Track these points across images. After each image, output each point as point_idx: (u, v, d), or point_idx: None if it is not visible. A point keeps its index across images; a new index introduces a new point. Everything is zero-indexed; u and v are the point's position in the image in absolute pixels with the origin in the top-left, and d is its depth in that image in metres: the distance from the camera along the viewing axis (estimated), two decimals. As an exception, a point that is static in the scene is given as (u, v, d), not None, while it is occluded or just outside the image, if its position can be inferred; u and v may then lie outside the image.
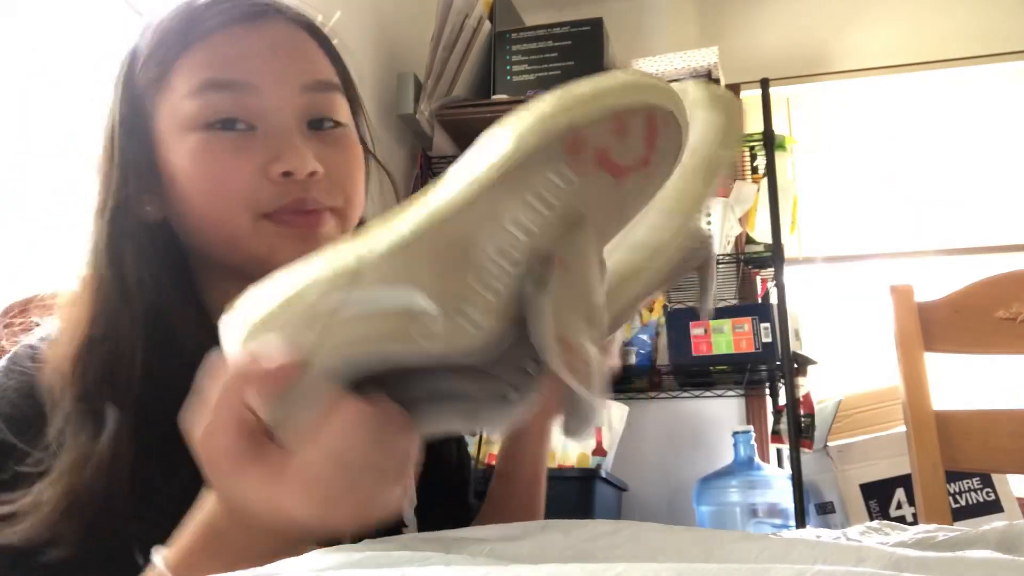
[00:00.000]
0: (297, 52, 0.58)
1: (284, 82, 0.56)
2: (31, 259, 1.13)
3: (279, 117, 0.55)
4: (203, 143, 0.54)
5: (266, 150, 0.54)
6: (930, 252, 2.40)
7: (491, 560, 0.28)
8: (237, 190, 0.54)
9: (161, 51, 0.56)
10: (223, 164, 0.54)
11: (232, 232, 0.55)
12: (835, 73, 2.53)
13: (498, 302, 0.34)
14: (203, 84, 0.54)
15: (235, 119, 0.54)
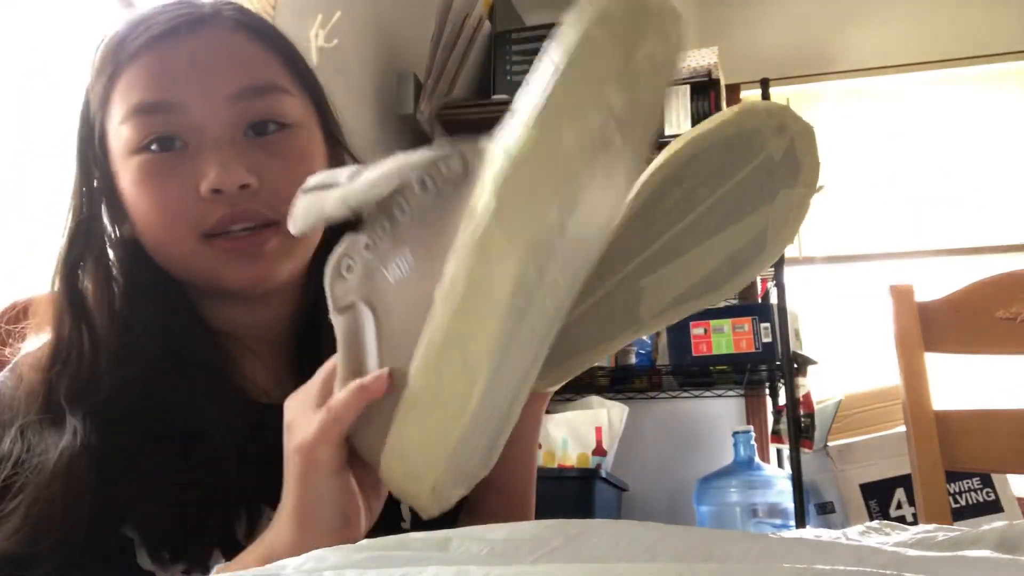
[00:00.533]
0: (225, 60, 0.56)
1: (209, 95, 0.54)
2: (31, 259, 1.13)
3: (209, 131, 0.54)
4: (140, 167, 0.54)
5: (196, 168, 0.53)
6: (930, 252, 2.40)
7: (491, 560, 0.28)
8: (174, 212, 0.53)
9: (102, 76, 0.56)
10: (158, 186, 0.53)
11: (177, 253, 0.55)
12: (835, 73, 2.53)
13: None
14: (133, 108, 0.54)
15: (171, 137, 0.54)
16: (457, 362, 0.32)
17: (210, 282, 0.56)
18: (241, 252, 0.54)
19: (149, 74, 0.54)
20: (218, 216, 0.53)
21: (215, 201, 0.53)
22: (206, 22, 0.56)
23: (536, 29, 2.12)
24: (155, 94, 0.54)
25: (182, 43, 0.55)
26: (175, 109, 0.54)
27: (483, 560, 0.28)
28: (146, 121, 0.54)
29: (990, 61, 2.43)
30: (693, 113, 2.01)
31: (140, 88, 0.54)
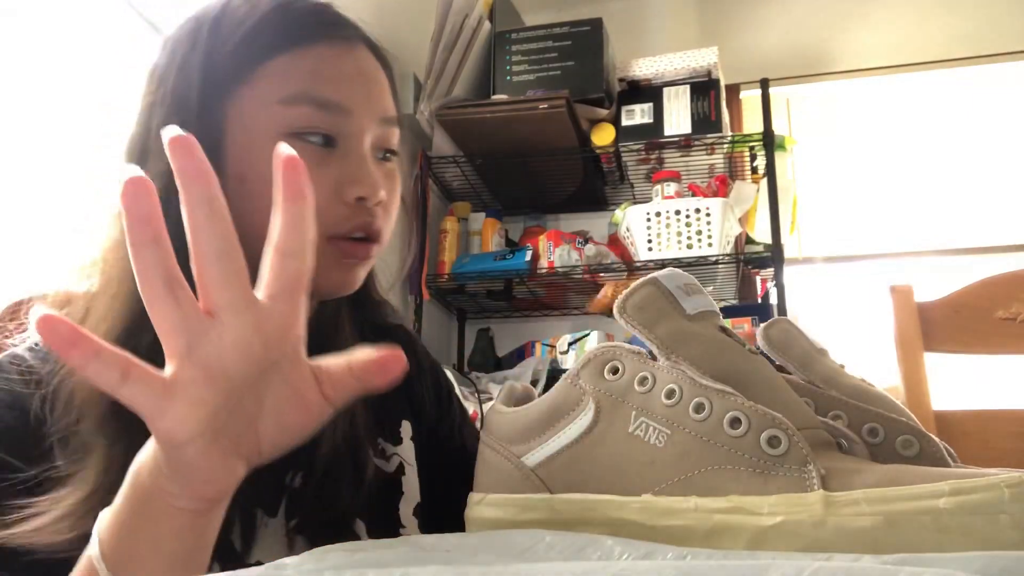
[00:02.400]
0: (380, 84, 0.59)
1: (370, 111, 0.57)
2: (31, 259, 1.13)
3: (361, 144, 0.56)
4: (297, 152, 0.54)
5: (343, 171, 0.55)
6: (930, 252, 2.40)
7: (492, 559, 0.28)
8: (317, 205, 0.53)
9: (255, 45, 0.55)
10: (312, 177, 0.53)
11: None
12: (835, 73, 2.53)
13: None
14: (300, 95, 0.54)
15: (332, 136, 0.55)
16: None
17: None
18: (351, 257, 0.56)
19: (325, 71, 0.55)
20: (355, 223, 0.55)
21: (356, 208, 0.55)
22: (362, 41, 0.60)
23: (536, 29, 2.12)
24: (329, 93, 0.55)
25: (352, 55, 0.58)
26: (344, 113, 0.55)
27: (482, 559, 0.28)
28: (310, 112, 0.54)
29: (990, 61, 2.43)
30: (693, 113, 2.01)
31: (313, 80, 0.55)
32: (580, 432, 0.37)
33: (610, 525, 0.34)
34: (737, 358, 0.36)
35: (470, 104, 1.99)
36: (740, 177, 2.18)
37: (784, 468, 0.31)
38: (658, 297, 0.37)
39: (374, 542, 0.32)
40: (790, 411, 0.33)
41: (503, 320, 2.39)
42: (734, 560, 0.26)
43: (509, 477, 0.39)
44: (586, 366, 0.38)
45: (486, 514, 0.39)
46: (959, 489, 0.27)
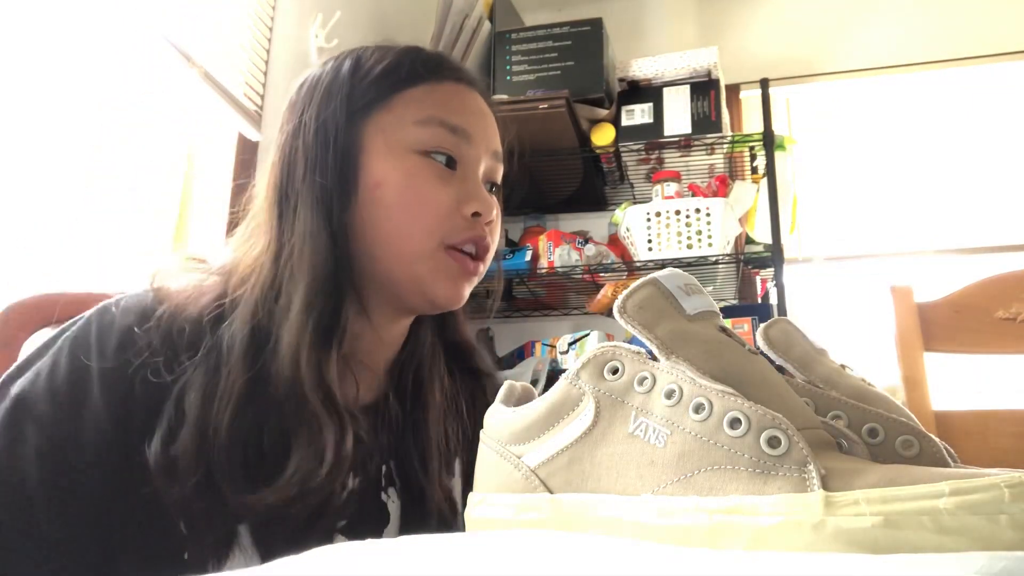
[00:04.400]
0: (493, 125, 0.69)
1: (486, 142, 0.67)
2: (32, 259, 1.13)
3: (475, 167, 0.65)
4: (420, 165, 0.62)
5: (463, 189, 0.63)
6: (930, 252, 2.40)
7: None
8: (435, 213, 0.61)
9: (391, 77, 0.64)
10: (432, 187, 0.61)
11: (414, 248, 0.61)
12: (835, 73, 2.53)
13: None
14: (432, 118, 0.63)
15: (455, 159, 0.64)
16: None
17: (419, 286, 0.62)
18: (463, 270, 0.63)
19: (455, 102, 0.65)
20: (469, 235, 0.63)
21: (471, 222, 0.63)
22: (476, 85, 0.69)
23: (536, 29, 2.12)
24: (461, 122, 0.64)
25: (472, 93, 0.68)
26: (467, 140, 0.64)
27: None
28: (447, 137, 0.63)
29: (990, 61, 2.43)
30: (693, 113, 2.01)
31: (447, 108, 0.64)
32: (580, 432, 0.37)
33: (610, 525, 0.34)
34: (737, 358, 0.36)
35: (470, 104, 1.99)
36: (740, 177, 2.18)
37: (784, 468, 0.31)
38: (658, 297, 0.37)
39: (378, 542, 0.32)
40: (790, 411, 0.33)
41: (503, 320, 2.39)
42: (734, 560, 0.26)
43: (509, 477, 0.39)
44: (586, 366, 0.38)
45: (486, 514, 0.39)
46: (959, 489, 0.27)
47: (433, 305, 0.64)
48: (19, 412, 0.51)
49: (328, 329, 0.57)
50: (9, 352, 0.78)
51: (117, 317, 0.56)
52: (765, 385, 0.35)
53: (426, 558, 0.28)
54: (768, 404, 0.33)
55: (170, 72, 1.32)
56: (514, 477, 0.38)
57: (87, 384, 0.53)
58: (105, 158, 1.28)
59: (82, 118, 1.23)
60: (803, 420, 0.34)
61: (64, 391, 0.52)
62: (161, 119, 1.38)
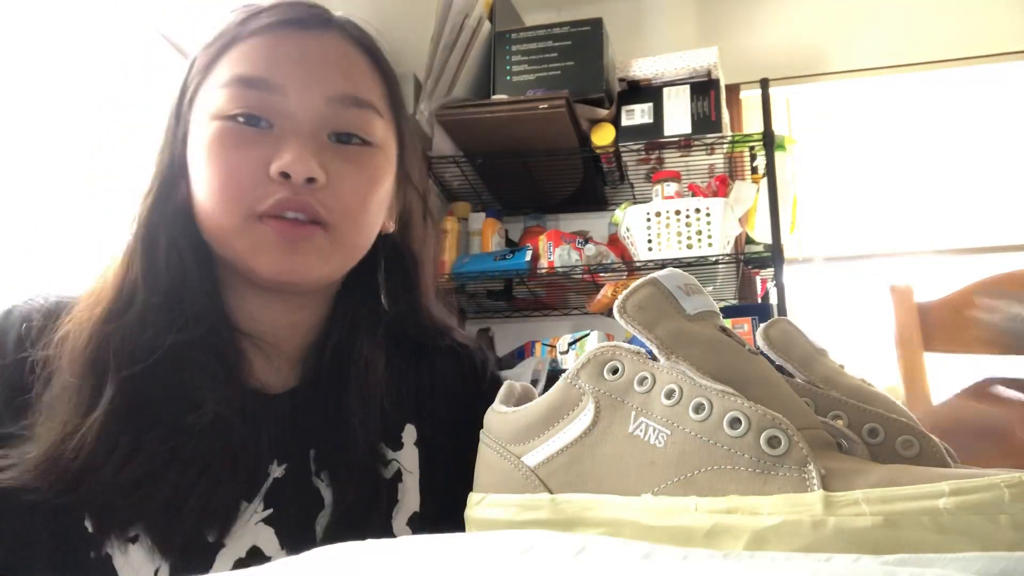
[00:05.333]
0: (335, 64, 0.58)
1: (310, 89, 0.56)
2: (31, 259, 1.13)
3: (297, 121, 0.56)
4: (220, 131, 0.55)
5: (273, 149, 0.55)
6: (930, 252, 2.40)
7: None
8: (237, 182, 0.54)
9: (214, 44, 0.58)
10: (232, 155, 0.55)
11: (224, 224, 0.55)
12: (835, 73, 2.53)
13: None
14: (234, 78, 0.56)
15: (258, 116, 0.55)
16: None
17: (244, 264, 0.56)
18: (283, 239, 0.55)
19: (260, 52, 0.56)
20: (277, 198, 0.54)
21: (280, 184, 0.54)
22: (329, 27, 0.60)
23: (536, 29, 2.12)
24: (260, 71, 0.56)
25: (301, 36, 0.58)
26: (273, 90, 0.56)
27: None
28: (243, 93, 0.55)
29: (990, 61, 2.43)
30: (693, 113, 2.01)
31: (248, 62, 0.56)
32: (580, 432, 0.37)
33: (610, 525, 0.34)
34: (737, 358, 0.36)
35: (470, 104, 1.99)
36: (740, 177, 2.18)
37: (784, 468, 0.31)
38: (658, 297, 0.37)
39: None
40: (790, 411, 0.33)
41: (503, 320, 2.39)
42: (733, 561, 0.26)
43: (509, 477, 0.39)
44: (585, 366, 0.38)
45: (486, 514, 0.39)
46: (959, 489, 0.27)
47: (268, 282, 0.58)
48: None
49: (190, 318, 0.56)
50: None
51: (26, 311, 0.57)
52: (765, 385, 0.35)
53: (426, 558, 0.28)
54: (768, 404, 0.33)
55: (170, 72, 1.32)
56: (514, 477, 0.38)
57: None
58: (105, 158, 1.28)
59: (82, 118, 1.23)
60: (803, 420, 0.34)
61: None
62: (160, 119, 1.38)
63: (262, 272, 0.56)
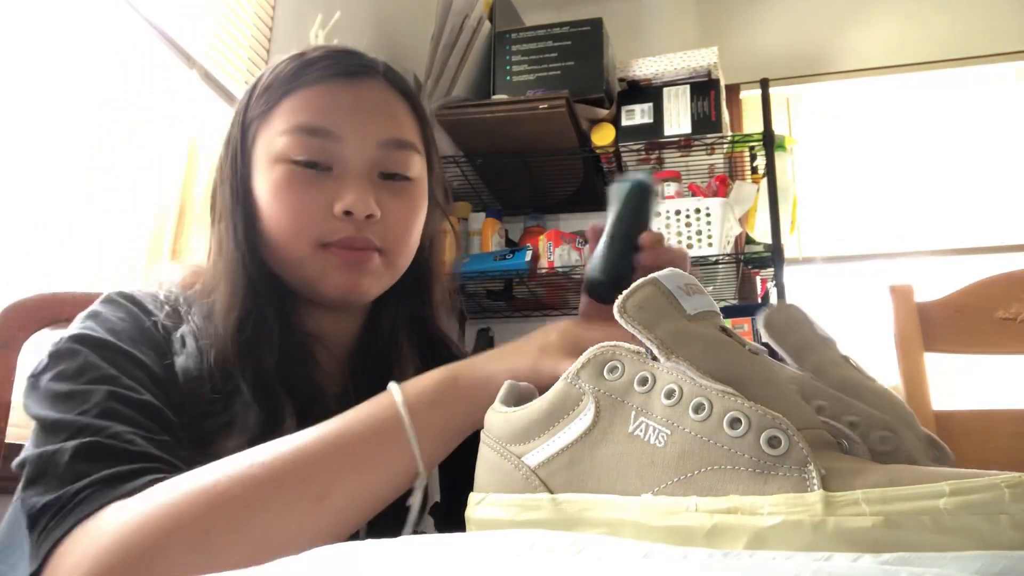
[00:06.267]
0: (382, 111, 0.68)
1: (364, 136, 0.65)
2: (32, 259, 1.13)
3: (353, 164, 0.65)
4: (285, 174, 0.64)
5: (335, 190, 0.64)
6: (930, 252, 2.40)
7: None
8: (307, 219, 0.63)
9: (271, 91, 0.67)
10: (298, 195, 0.64)
11: (295, 254, 0.64)
12: (835, 73, 2.53)
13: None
14: (296, 126, 0.64)
15: (316, 161, 0.64)
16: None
17: (312, 286, 0.66)
18: (347, 264, 0.64)
19: (319, 104, 0.65)
20: (342, 235, 0.64)
21: (344, 221, 0.64)
22: (373, 75, 0.69)
23: (536, 29, 2.12)
24: (320, 121, 0.65)
25: (350, 86, 0.67)
26: (332, 138, 0.64)
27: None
28: (306, 140, 0.64)
29: (990, 61, 2.43)
30: (693, 113, 2.01)
31: (308, 112, 0.65)
32: (580, 432, 0.37)
33: (610, 525, 0.34)
34: (737, 358, 0.36)
35: (470, 104, 1.99)
36: (740, 177, 2.18)
37: (784, 468, 0.31)
38: (658, 297, 0.37)
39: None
40: (790, 411, 0.33)
41: (503, 320, 2.39)
42: (734, 560, 0.26)
43: (509, 477, 0.39)
44: (586, 366, 0.38)
45: (486, 514, 0.39)
46: (959, 489, 0.27)
47: (332, 301, 0.67)
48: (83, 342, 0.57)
49: (253, 322, 0.62)
50: (9, 352, 0.78)
51: (129, 296, 0.64)
52: (765, 385, 0.35)
53: (426, 558, 0.28)
54: (768, 404, 0.33)
55: (170, 72, 1.32)
56: (514, 477, 0.38)
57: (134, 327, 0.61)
58: (105, 158, 1.28)
59: (82, 118, 1.23)
60: (803, 420, 0.34)
61: (120, 328, 0.60)
62: (161, 119, 1.38)
63: (329, 292, 0.65)
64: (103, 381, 0.54)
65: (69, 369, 0.55)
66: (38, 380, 0.56)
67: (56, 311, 0.80)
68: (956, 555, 0.24)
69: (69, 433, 0.51)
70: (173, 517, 0.44)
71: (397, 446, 0.49)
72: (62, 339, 0.58)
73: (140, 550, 0.43)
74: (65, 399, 0.53)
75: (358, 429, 0.49)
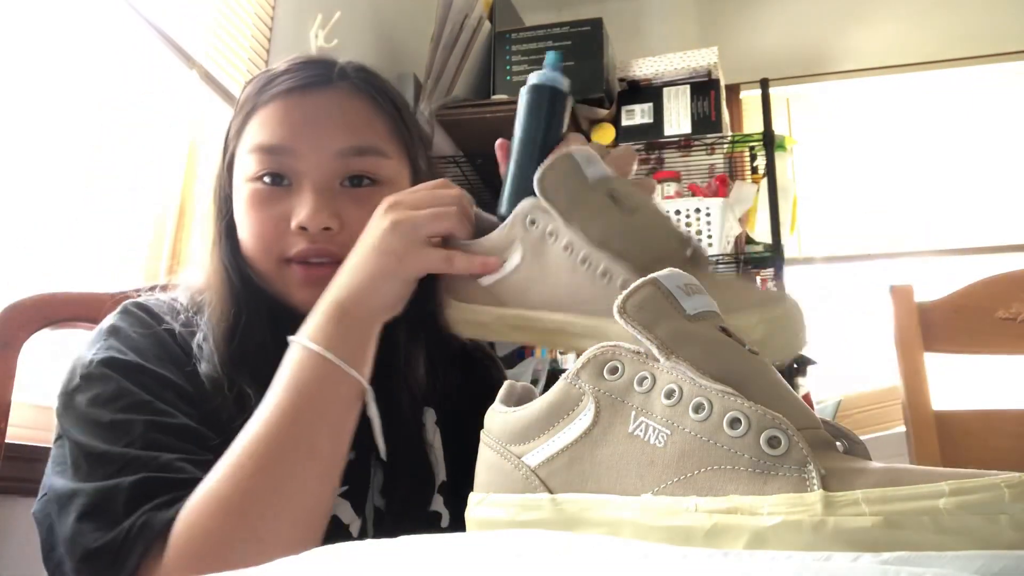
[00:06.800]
0: (339, 121, 0.68)
1: (318, 148, 0.66)
2: (32, 259, 1.13)
3: (310, 178, 0.66)
4: (252, 192, 0.66)
5: (293, 205, 0.65)
6: (930, 252, 2.40)
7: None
8: (268, 236, 0.66)
9: (242, 110, 0.69)
10: (262, 212, 0.66)
11: (263, 269, 0.67)
12: (835, 73, 2.53)
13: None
14: (256, 146, 0.66)
15: (280, 175, 0.66)
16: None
17: (283, 298, 0.67)
18: (307, 278, 0.65)
19: (276, 120, 0.67)
20: (299, 248, 0.65)
21: (300, 235, 0.65)
22: (332, 84, 0.69)
23: (536, 29, 2.12)
24: (276, 139, 0.66)
25: (306, 99, 0.67)
26: (288, 154, 0.66)
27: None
28: (265, 158, 0.66)
29: (990, 61, 2.43)
30: (693, 113, 2.01)
31: (267, 130, 0.67)
32: (580, 432, 0.37)
33: (610, 525, 0.34)
34: (737, 358, 0.36)
35: (470, 104, 1.99)
36: (740, 177, 2.18)
37: (784, 468, 0.31)
38: (658, 297, 0.37)
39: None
40: (790, 411, 0.33)
41: (503, 320, 2.38)
42: (733, 560, 0.26)
43: (509, 477, 0.39)
44: (585, 366, 0.38)
45: (486, 514, 0.39)
46: (959, 489, 0.27)
47: (304, 311, 0.68)
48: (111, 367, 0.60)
49: (241, 338, 0.65)
50: (9, 352, 0.78)
51: (145, 305, 0.67)
52: (765, 385, 0.35)
53: (426, 558, 0.28)
54: (768, 404, 0.33)
55: (170, 72, 1.32)
56: (514, 477, 0.38)
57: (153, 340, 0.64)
58: (105, 158, 1.28)
59: (82, 118, 1.23)
60: (803, 420, 0.34)
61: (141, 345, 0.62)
62: (161, 119, 1.38)
63: (297, 305, 0.66)
64: (140, 409, 0.57)
65: (104, 394, 0.58)
66: (73, 399, 0.59)
67: (56, 311, 0.80)
68: (956, 555, 0.24)
69: (119, 466, 0.54)
70: (208, 518, 0.51)
71: (338, 380, 0.56)
72: (93, 361, 0.60)
73: (200, 550, 0.50)
74: (108, 429, 0.56)
75: (302, 387, 0.56)
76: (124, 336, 0.62)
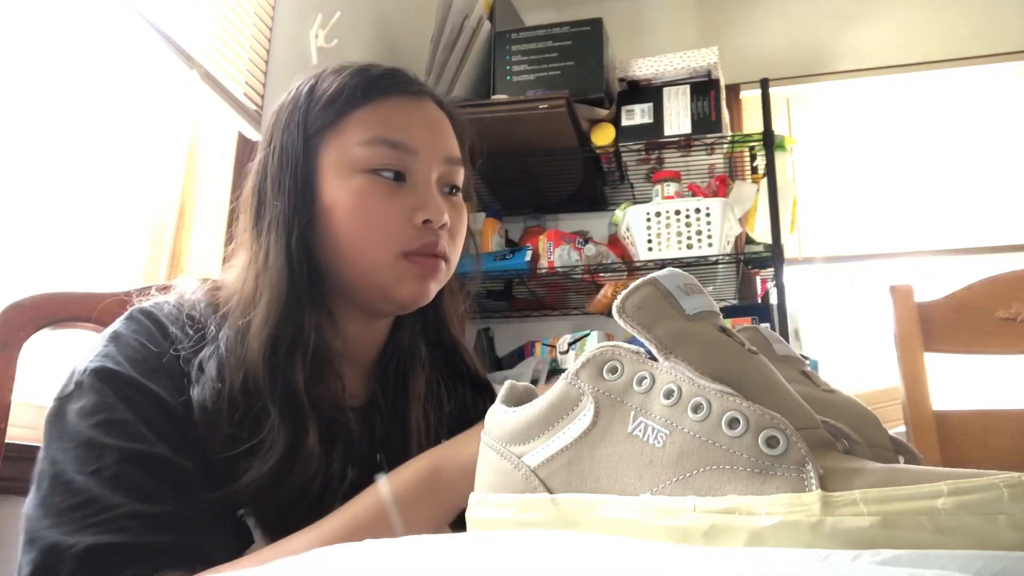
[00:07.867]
0: (444, 131, 0.73)
1: (434, 151, 0.70)
2: (31, 259, 1.13)
3: (425, 176, 0.69)
4: (367, 184, 0.67)
5: (413, 200, 0.68)
6: (930, 252, 2.40)
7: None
8: (390, 228, 0.67)
9: (338, 102, 0.69)
10: (380, 204, 0.67)
11: (373, 261, 0.67)
12: (835, 73, 2.53)
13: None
14: (376, 138, 0.68)
15: (401, 172, 0.68)
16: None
17: (383, 292, 0.68)
18: (424, 270, 0.68)
19: (396, 118, 0.69)
20: (423, 241, 0.68)
21: (423, 229, 0.68)
22: (429, 94, 0.74)
23: (536, 29, 2.12)
24: (399, 135, 0.68)
25: (420, 106, 0.72)
26: (411, 152, 0.69)
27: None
28: (389, 153, 0.68)
29: (990, 61, 2.43)
30: (693, 113, 2.01)
31: (388, 125, 0.68)
32: (580, 432, 0.37)
33: (609, 525, 0.34)
34: (736, 358, 0.36)
35: (470, 104, 1.99)
36: (740, 177, 2.18)
37: (782, 468, 0.31)
38: (657, 297, 0.37)
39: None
40: (789, 411, 0.33)
41: (503, 320, 2.39)
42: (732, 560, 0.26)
43: (509, 477, 0.39)
44: (585, 366, 0.38)
45: (486, 514, 0.39)
46: (958, 489, 0.27)
47: (399, 306, 0.70)
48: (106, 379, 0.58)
49: (290, 339, 0.63)
50: (9, 352, 0.78)
51: (152, 317, 0.65)
52: (764, 385, 0.35)
53: (426, 558, 0.28)
54: (767, 404, 0.33)
55: (170, 72, 1.32)
56: (514, 477, 0.39)
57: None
58: (105, 158, 1.28)
59: (82, 118, 1.23)
60: (802, 420, 0.34)
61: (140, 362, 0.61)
62: (161, 119, 1.38)
63: (402, 298, 0.68)
64: (119, 431, 0.56)
65: (88, 407, 0.57)
66: (63, 406, 0.58)
67: (56, 311, 0.80)
68: (954, 555, 0.24)
69: (73, 503, 0.52)
70: None
71: (382, 529, 0.53)
72: (87, 369, 0.59)
73: None
74: (85, 447, 0.55)
75: (350, 531, 0.53)
76: (123, 343, 0.61)
